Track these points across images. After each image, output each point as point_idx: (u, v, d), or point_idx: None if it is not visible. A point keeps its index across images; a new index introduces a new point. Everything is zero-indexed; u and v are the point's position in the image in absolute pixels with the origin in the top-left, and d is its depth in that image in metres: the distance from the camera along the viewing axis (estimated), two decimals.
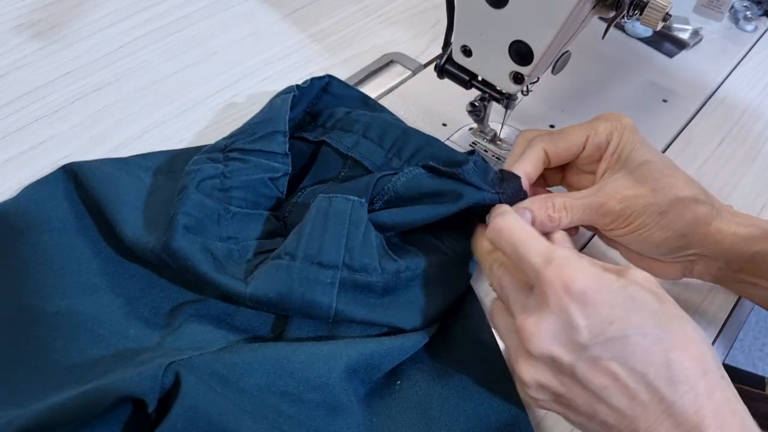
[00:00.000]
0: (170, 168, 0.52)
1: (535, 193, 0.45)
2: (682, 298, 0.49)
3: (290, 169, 0.48)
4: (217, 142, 0.50)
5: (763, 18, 0.75)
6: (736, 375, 0.71)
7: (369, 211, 0.44)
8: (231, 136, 0.50)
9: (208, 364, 0.38)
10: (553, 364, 0.34)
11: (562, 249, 0.35)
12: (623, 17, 0.45)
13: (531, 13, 0.44)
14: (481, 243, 0.42)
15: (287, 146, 0.48)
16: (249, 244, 0.45)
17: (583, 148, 0.45)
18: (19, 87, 0.61)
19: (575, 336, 0.33)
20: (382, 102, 0.62)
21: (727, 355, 0.52)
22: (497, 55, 0.48)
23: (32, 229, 0.47)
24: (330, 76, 0.55)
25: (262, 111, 0.52)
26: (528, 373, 0.35)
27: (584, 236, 0.52)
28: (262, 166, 0.47)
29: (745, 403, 0.34)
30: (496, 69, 0.49)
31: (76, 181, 0.50)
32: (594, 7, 0.45)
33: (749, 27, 0.73)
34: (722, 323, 0.49)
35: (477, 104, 0.55)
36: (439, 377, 0.42)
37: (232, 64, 0.65)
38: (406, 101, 0.62)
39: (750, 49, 0.72)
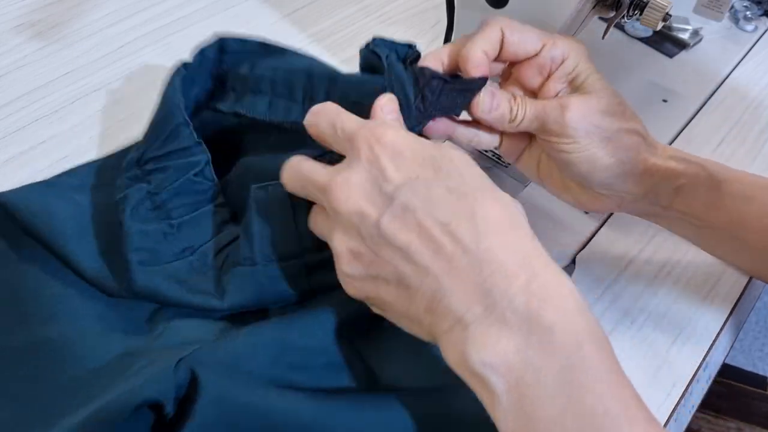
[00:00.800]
0: (100, 182, 0.50)
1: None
2: (681, 299, 0.50)
3: (208, 155, 0.45)
4: (129, 156, 0.47)
5: (763, 18, 0.75)
6: (737, 375, 0.71)
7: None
8: (141, 143, 0.48)
9: (212, 355, 0.38)
10: (362, 223, 0.33)
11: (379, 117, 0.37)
12: (623, 17, 0.45)
13: (531, 13, 0.44)
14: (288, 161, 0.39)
15: (195, 135, 0.45)
16: (206, 247, 0.44)
17: (537, 55, 0.42)
18: (19, 87, 0.61)
19: (383, 185, 0.33)
20: None
21: (727, 355, 0.52)
22: None
23: None
24: (222, 38, 0.50)
25: (159, 105, 0.48)
26: (340, 241, 0.34)
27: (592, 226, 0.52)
28: (182, 167, 0.45)
29: (746, 402, 0.34)
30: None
31: (5, 212, 0.47)
32: (594, 7, 0.45)
33: (749, 27, 0.73)
34: (722, 323, 0.49)
35: None
36: None
37: None
38: None
39: (750, 49, 0.72)
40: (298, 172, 0.37)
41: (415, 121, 0.42)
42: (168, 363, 0.37)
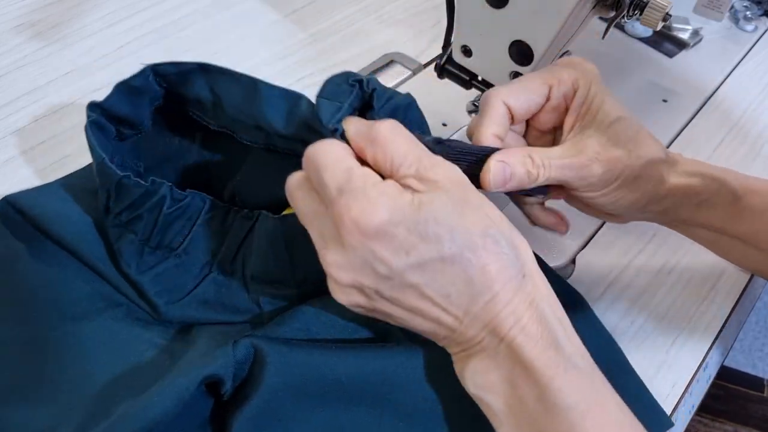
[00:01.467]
0: None
1: None
2: (681, 298, 0.50)
3: (167, 184, 0.43)
4: (99, 202, 0.45)
5: (763, 18, 0.75)
6: (734, 377, 0.71)
7: None
8: (101, 195, 0.45)
9: (270, 330, 0.40)
10: (363, 289, 0.34)
11: (358, 177, 0.33)
12: (623, 17, 0.45)
13: (531, 13, 0.44)
14: (291, 176, 0.38)
15: (140, 179, 0.43)
16: (221, 257, 0.44)
17: (547, 99, 0.42)
18: (19, 87, 0.61)
19: (377, 268, 0.33)
20: None
21: (727, 355, 0.52)
22: (497, 55, 0.48)
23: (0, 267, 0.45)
24: (151, 66, 0.46)
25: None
26: (342, 296, 0.35)
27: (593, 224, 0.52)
28: (152, 207, 0.43)
29: (743, 405, 0.35)
30: (496, 69, 0.49)
31: (22, 214, 0.46)
32: (594, 7, 0.45)
33: (749, 27, 0.73)
34: (722, 323, 0.49)
35: (477, 104, 0.55)
36: None
37: (232, 64, 0.65)
38: None
39: (750, 49, 0.72)
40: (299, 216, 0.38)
41: None
42: (222, 345, 0.38)
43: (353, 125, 0.36)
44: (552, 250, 0.51)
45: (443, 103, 0.61)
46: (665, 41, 0.71)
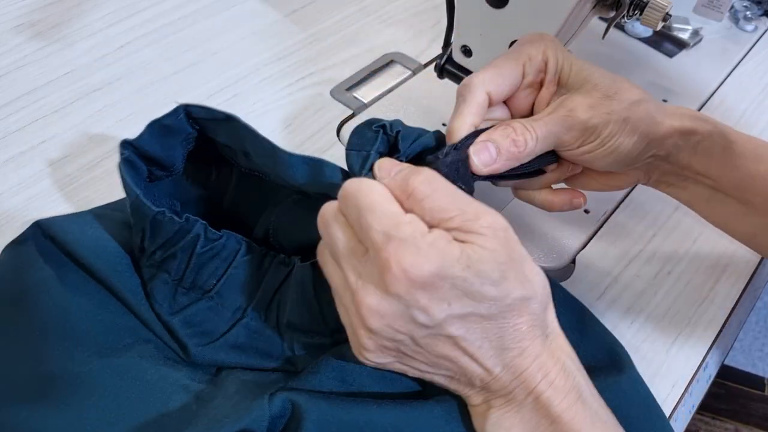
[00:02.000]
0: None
1: None
2: (681, 299, 0.50)
3: (202, 222, 0.42)
4: (134, 242, 0.45)
5: (763, 18, 0.75)
6: (735, 376, 0.71)
7: None
8: (135, 233, 0.44)
9: (305, 382, 0.39)
10: (395, 336, 0.35)
11: (406, 224, 0.33)
12: (623, 17, 0.45)
13: (531, 13, 0.44)
14: (327, 206, 0.37)
15: (175, 216, 0.42)
16: (255, 304, 0.43)
17: (525, 76, 0.42)
18: (19, 87, 0.61)
19: (416, 317, 0.34)
20: (382, 102, 0.62)
21: (727, 355, 0.52)
22: (497, 55, 0.48)
23: (27, 294, 0.43)
24: (183, 106, 0.45)
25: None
26: (369, 342, 0.35)
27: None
28: (186, 246, 0.42)
29: (744, 404, 0.35)
30: None
31: (53, 240, 0.45)
32: (594, 7, 0.45)
33: (749, 27, 0.73)
34: (722, 323, 0.49)
35: None
36: None
37: (232, 64, 0.65)
38: (406, 101, 0.62)
39: (750, 49, 0.72)
40: (328, 264, 0.38)
41: None
42: (257, 396, 0.37)
43: (385, 173, 0.37)
44: (552, 250, 0.51)
45: (443, 103, 0.61)
46: (665, 41, 0.71)
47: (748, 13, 0.74)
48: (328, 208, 0.36)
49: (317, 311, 0.42)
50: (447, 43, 0.52)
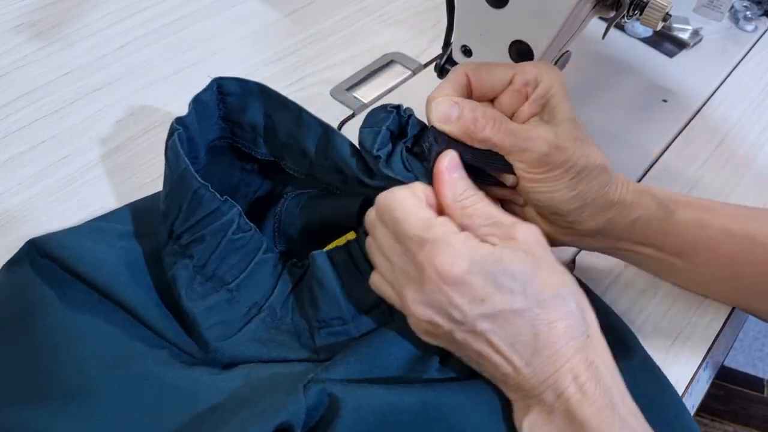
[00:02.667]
0: (141, 229, 0.48)
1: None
2: (681, 299, 0.49)
3: (238, 208, 0.43)
4: (160, 232, 0.45)
5: (763, 18, 0.75)
6: (735, 377, 0.71)
7: None
8: (164, 214, 0.44)
9: (338, 371, 0.40)
10: (435, 325, 0.37)
11: (438, 226, 0.36)
12: (623, 17, 0.45)
13: (531, 13, 0.44)
14: (370, 212, 0.41)
15: (217, 194, 0.43)
16: (271, 301, 0.44)
17: (511, 83, 0.42)
18: (19, 87, 0.61)
19: (451, 313, 0.36)
20: (382, 102, 0.62)
21: (727, 355, 0.52)
22: (497, 55, 0.48)
23: (28, 316, 0.43)
24: (216, 80, 0.47)
25: (166, 172, 0.45)
26: (420, 329, 0.39)
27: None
28: (217, 230, 0.43)
29: (743, 405, 0.35)
30: None
31: (51, 257, 0.44)
32: (594, 7, 0.45)
33: (749, 27, 0.73)
34: (722, 323, 0.49)
35: None
36: None
37: (232, 64, 0.65)
38: (406, 101, 0.62)
39: (750, 49, 0.72)
40: (376, 255, 0.40)
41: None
42: (290, 389, 0.38)
43: (449, 192, 0.40)
44: (552, 250, 0.51)
45: None
46: (665, 41, 0.71)
47: (748, 13, 0.74)
48: (371, 214, 0.40)
49: (337, 296, 0.43)
50: (447, 43, 0.52)
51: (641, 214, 0.43)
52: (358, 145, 0.44)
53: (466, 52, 0.50)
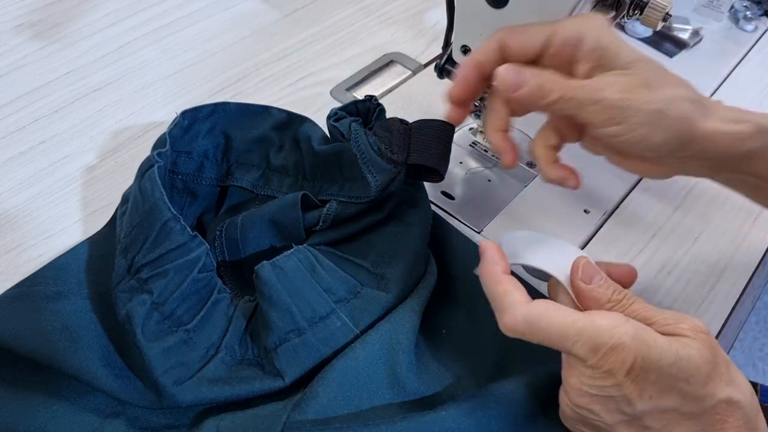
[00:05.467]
0: (68, 288, 0.44)
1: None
2: (681, 299, 0.50)
3: (206, 245, 0.42)
4: (117, 266, 0.42)
5: (763, 18, 0.75)
6: None
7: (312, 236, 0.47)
8: (124, 249, 0.43)
9: (306, 411, 0.38)
10: (590, 417, 0.36)
11: (605, 323, 0.34)
12: (623, 17, 0.45)
13: (531, 13, 0.44)
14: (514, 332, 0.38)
15: (188, 228, 0.42)
16: (228, 339, 0.42)
17: (549, 46, 0.40)
18: (19, 87, 0.61)
19: (619, 405, 0.34)
20: (382, 102, 0.62)
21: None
22: None
23: None
24: (181, 114, 0.49)
25: (135, 201, 0.44)
26: (568, 411, 0.37)
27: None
28: (182, 266, 0.41)
29: None
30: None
31: None
32: (594, 7, 0.45)
33: (749, 27, 0.73)
34: (722, 323, 0.49)
35: (478, 104, 0.55)
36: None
37: (232, 64, 0.65)
38: (406, 101, 0.62)
39: (750, 49, 0.72)
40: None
41: (389, 174, 0.45)
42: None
43: (594, 282, 0.37)
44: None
45: (443, 103, 0.61)
46: (665, 41, 0.71)
47: (748, 13, 0.74)
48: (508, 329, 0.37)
49: (288, 306, 0.41)
50: (447, 43, 0.52)
51: (752, 146, 0.40)
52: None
53: (466, 52, 0.50)
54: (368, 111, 0.49)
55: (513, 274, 0.39)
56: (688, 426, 0.34)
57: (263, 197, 0.50)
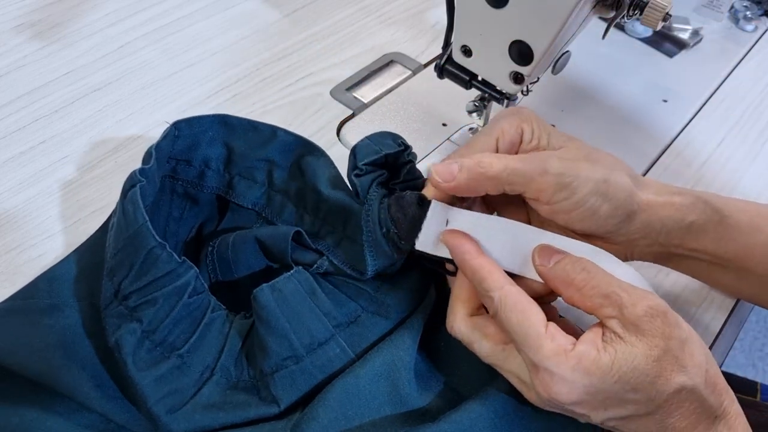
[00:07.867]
0: (62, 301, 0.43)
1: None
2: (681, 299, 0.50)
3: (195, 270, 0.41)
4: (104, 287, 0.41)
5: (763, 18, 0.75)
6: (729, 381, 0.71)
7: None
8: (111, 270, 0.41)
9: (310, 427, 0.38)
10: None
11: (549, 351, 0.35)
12: (623, 17, 0.45)
13: (531, 13, 0.44)
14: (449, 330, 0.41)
15: (174, 255, 0.40)
16: (223, 361, 0.41)
17: (496, 150, 0.42)
18: (19, 87, 0.61)
19: (577, 417, 0.37)
20: (382, 102, 0.62)
21: (727, 355, 0.52)
22: (497, 55, 0.48)
23: None
24: (173, 125, 0.47)
25: (119, 222, 0.42)
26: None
27: None
28: (171, 293, 0.40)
29: None
30: (496, 69, 0.49)
31: None
32: (594, 7, 0.45)
33: (749, 27, 0.73)
34: (722, 323, 0.49)
35: (477, 104, 0.55)
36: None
37: (232, 64, 0.65)
38: (406, 101, 0.62)
39: (750, 49, 0.72)
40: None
41: (389, 260, 0.42)
42: None
43: (544, 262, 0.38)
44: None
45: (443, 104, 0.61)
46: (665, 41, 0.71)
47: (748, 13, 0.74)
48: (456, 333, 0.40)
49: (285, 332, 0.40)
50: (447, 43, 0.52)
51: (695, 219, 0.42)
52: (350, 150, 0.44)
53: (466, 52, 0.50)
54: (397, 162, 0.44)
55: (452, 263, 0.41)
56: (644, 422, 0.35)
57: (263, 220, 0.49)
